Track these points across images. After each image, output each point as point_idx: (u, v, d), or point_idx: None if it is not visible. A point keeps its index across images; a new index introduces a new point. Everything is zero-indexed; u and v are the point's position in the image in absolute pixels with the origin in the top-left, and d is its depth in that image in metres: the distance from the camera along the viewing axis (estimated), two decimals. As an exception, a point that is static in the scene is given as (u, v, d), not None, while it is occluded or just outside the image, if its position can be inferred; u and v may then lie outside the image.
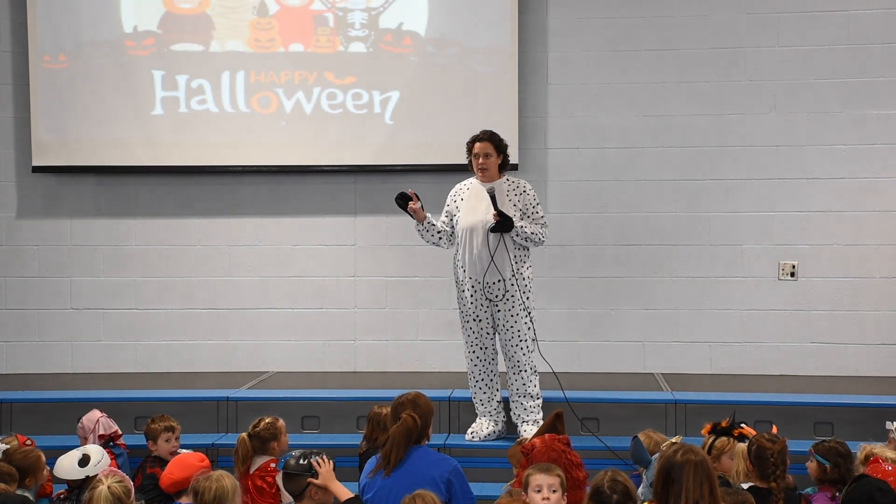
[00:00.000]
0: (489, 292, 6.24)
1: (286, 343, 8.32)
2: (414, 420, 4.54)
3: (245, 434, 5.40)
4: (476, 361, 6.39)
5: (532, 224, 6.26)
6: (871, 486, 4.46)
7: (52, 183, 8.38)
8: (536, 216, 6.30)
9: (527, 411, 6.32)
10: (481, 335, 6.34)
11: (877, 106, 7.92)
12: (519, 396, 6.34)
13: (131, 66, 8.19)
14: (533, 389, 6.33)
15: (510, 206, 6.25)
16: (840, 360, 7.95)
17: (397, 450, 4.50)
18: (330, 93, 8.15)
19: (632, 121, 8.09)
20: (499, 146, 6.32)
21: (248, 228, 8.34)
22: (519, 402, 6.34)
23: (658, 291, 8.10)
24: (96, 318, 8.37)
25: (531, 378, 6.33)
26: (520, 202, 6.28)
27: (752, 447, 4.56)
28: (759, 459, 4.50)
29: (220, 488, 4.05)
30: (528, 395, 6.32)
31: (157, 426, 5.71)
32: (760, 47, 7.98)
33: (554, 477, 4.11)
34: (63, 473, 4.92)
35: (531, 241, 6.25)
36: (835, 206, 7.97)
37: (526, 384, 6.31)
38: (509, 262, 6.19)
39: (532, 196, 6.33)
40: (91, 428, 5.88)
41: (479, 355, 6.38)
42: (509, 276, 6.20)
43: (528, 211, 6.29)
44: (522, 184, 6.38)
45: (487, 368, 6.40)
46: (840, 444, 4.80)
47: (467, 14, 8.05)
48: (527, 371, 6.31)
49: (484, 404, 6.44)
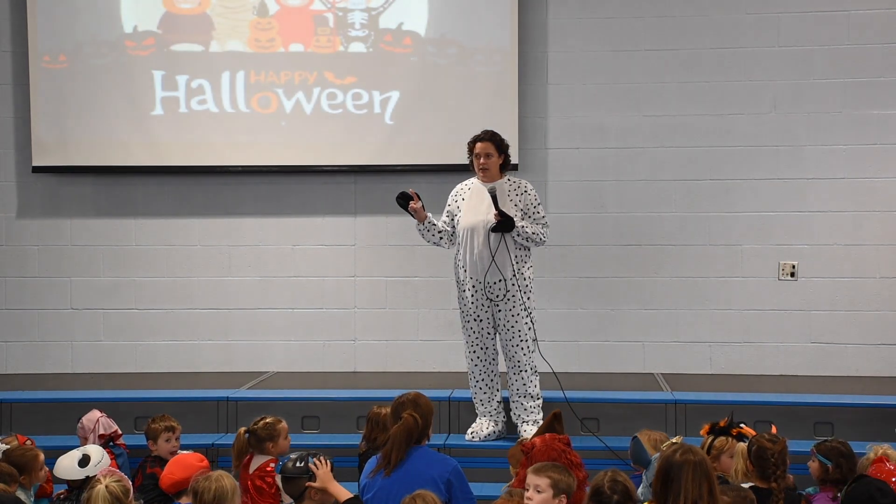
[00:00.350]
0: (490, 292, 6.24)
1: (286, 343, 8.32)
2: (415, 420, 4.54)
3: (243, 429, 5.42)
4: (476, 361, 6.39)
5: (533, 224, 6.26)
6: (870, 486, 4.46)
7: (52, 183, 8.38)
8: (537, 216, 6.30)
9: (527, 411, 6.33)
10: (482, 335, 6.34)
11: (877, 106, 7.91)
12: (519, 396, 6.34)
13: (131, 66, 8.19)
14: (533, 389, 6.33)
15: (511, 206, 6.25)
16: (840, 360, 7.95)
17: (398, 450, 4.50)
18: (330, 93, 8.15)
19: (632, 121, 8.09)
20: (500, 146, 6.32)
21: (248, 228, 8.34)
22: (519, 402, 6.34)
23: (658, 291, 8.10)
24: (96, 318, 8.37)
25: (531, 378, 6.33)
26: (521, 202, 6.28)
27: (753, 447, 4.56)
28: (760, 459, 4.50)
29: (220, 488, 4.05)
30: (529, 395, 6.32)
31: (157, 426, 5.72)
32: (760, 47, 7.97)
33: (542, 478, 4.02)
34: (63, 473, 4.92)
35: (532, 241, 6.25)
36: (835, 206, 7.97)
37: (526, 384, 6.31)
38: (510, 262, 6.19)
39: (533, 196, 6.33)
40: (91, 428, 5.88)
41: (479, 355, 6.38)
42: (510, 276, 6.20)
43: (529, 211, 6.29)
44: (524, 184, 6.39)
45: (488, 368, 6.40)
46: (842, 444, 4.79)
47: (467, 14, 8.05)
48: (527, 371, 6.31)
49: (484, 404, 6.44)
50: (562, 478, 4.03)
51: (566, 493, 4.02)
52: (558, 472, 4.06)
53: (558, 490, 4.00)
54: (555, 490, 3.99)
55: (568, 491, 4.03)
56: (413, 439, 4.54)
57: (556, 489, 4.00)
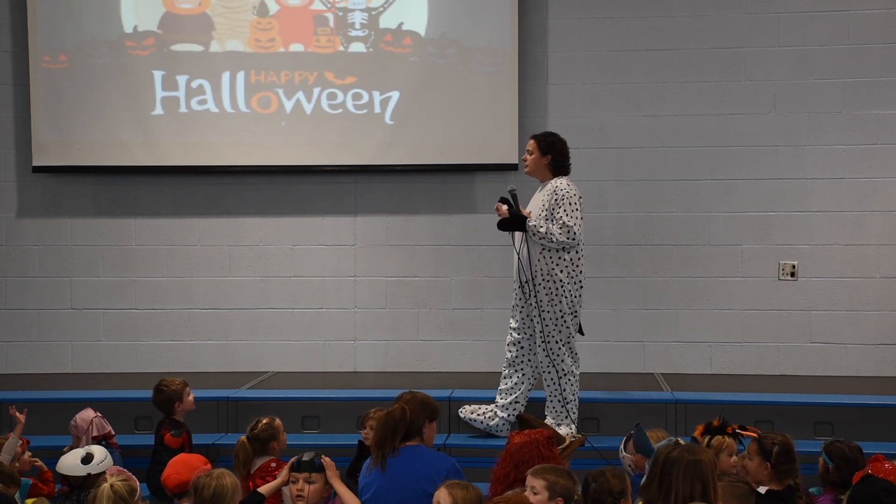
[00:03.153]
0: (524, 290, 6.25)
1: (286, 343, 8.31)
2: (403, 411, 4.53)
3: (244, 437, 5.38)
4: (513, 346, 6.38)
5: (548, 223, 6.16)
6: (876, 486, 4.44)
7: (52, 183, 8.37)
8: (557, 216, 6.15)
9: (552, 413, 6.29)
10: (523, 325, 6.34)
11: (877, 106, 7.91)
12: (547, 397, 6.32)
13: (131, 66, 8.19)
14: (555, 392, 6.26)
15: (540, 206, 6.22)
16: (840, 360, 7.95)
17: (388, 441, 4.49)
18: (330, 93, 8.15)
19: (632, 121, 8.09)
20: (541, 144, 6.30)
21: (248, 228, 8.34)
22: (548, 404, 6.32)
23: (658, 291, 8.10)
24: (96, 318, 8.37)
25: (556, 380, 6.23)
26: (548, 202, 6.23)
27: (775, 448, 4.53)
28: (786, 456, 4.50)
29: (220, 486, 4.06)
30: (554, 397, 6.28)
31: (177, 387, 6.04)
32: (760, 47, 7.97)
33: (539, 480, 4.00)
34: (65, 469, 5.00)
35: (545, 240, 6.14)
36: (835, 206, 7.97)
37: (550, 386, 6.26)
38: (532, 263, 6.15)
39: (561, 195, 6.16)
40: (85, 428, 5.93)
41: (518, 339, 6.35)
42: (534, 276, 6.17)
43: (553, 210, 6.19)
44: (556, 184, 6.25)
45: (524, 358, 6.36)
46: (849, 448, 4.77)
47: (467, 14, 8.05)
48: (550, 373, 6.25)
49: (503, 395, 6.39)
50: (559, 480, 4.00)
51: (564, 496, 3.97)
52: (556, 474, 4.03)
53: (554, 493, 3.97)
54: (550, 492, 3.97)
55: (565, 494, 3.98)
56: (400, 431, 4.51)
57: (552, 492, 3.97)
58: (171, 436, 5.92)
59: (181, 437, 5.96)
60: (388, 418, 4.53)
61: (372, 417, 5.56)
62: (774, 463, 4.52)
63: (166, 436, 5.92)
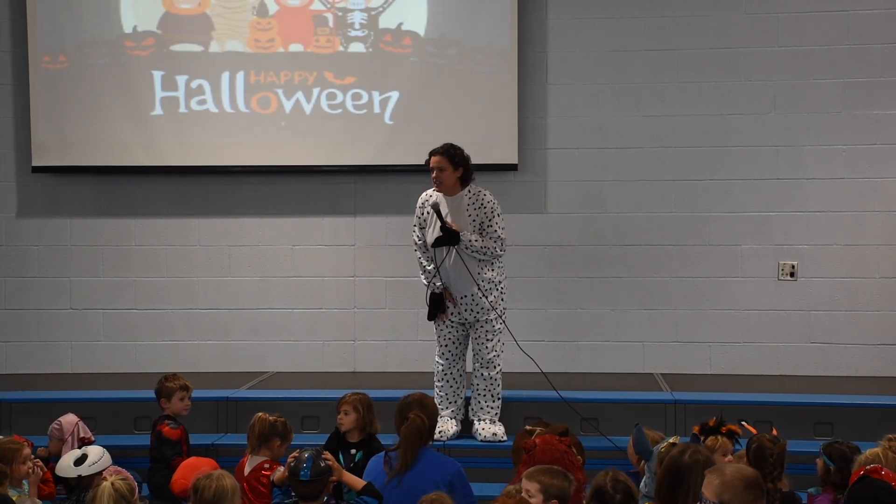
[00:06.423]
0: (462, 305, 6.29)
1: (286, 343, 8.31)
2: (422, 420, 4.61)
3: (266, 414, 5.36)
4: (444, 358, 6.42)
5: (485, 238, 6.20)
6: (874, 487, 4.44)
7: (52, 183, 8.38)
8: (491, 230, 6.22)
9: (483, 410, 6.36)
10: (453, 335, 6.39)
11: (876, 106, 7.91)
12: (479, 395, 6.36)
13: (131, 66, 8.19)
14: (496, 390, 6.35)
15: (467, 219, 6.21)
16: (840, 360, 7.95)
17: (412, 451, 4.60)
18: (330, 93, 8.15)
19: (632, 121, 8.09)
20: (453, 160, 6.22)
21: (248, 228, 8.35)
22: (478, 401, 6.37)
23: (658, 291, 8.10)
24: (96, 318, 8.37)
25: (496, 377, 6.34)
26: (478, 216, 6.25)
27: (753, 445, 4.57)
28: (759, 458, 4.50)
29: (220, 487, 4.08)
30: (492, 395, 6.34)
31: (172, 384, 6.01)
32: (760, 47, 7.98)
33: (532, 483, 3.98)
34: (60, 471, 5.07)
35: (482, 254, 6.20)
36: (835, 206, 7.97)
37: (489, 383, 6.33)
38: (472, 276, 6.18)
39: (489, 209, 6.24)
40: (70, 430, 5.94)
41: (450, 351, 6.40)
42: (475, 289, 6.21)
43: (484, 224, 6.23)
44: (482, 196, 6.30)
45: (455, 366, 6.42)
46: (848, 448, 4.77)
47: (467, 14, 8.05)
48: (491, 369, 6.32)
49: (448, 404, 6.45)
50: (553, 482, 3.97)
51: (558, 497, 3.95)
52: (550, 476, 4.00)
53: (548, 495, 3.94)
54: (544, 495, 3.94)
55: (561, 495, 3.95)
56: (423, 439, 4.60)
57: (546, 494, 3.95)
58: (170, 427, 5.92)
59: (179, 429, 5.95)
60: (415, 430, 4.61)
61: (347, 402, 5.58)
62: (751, 462, 4.54)
63: (164, 428, 5.92)
